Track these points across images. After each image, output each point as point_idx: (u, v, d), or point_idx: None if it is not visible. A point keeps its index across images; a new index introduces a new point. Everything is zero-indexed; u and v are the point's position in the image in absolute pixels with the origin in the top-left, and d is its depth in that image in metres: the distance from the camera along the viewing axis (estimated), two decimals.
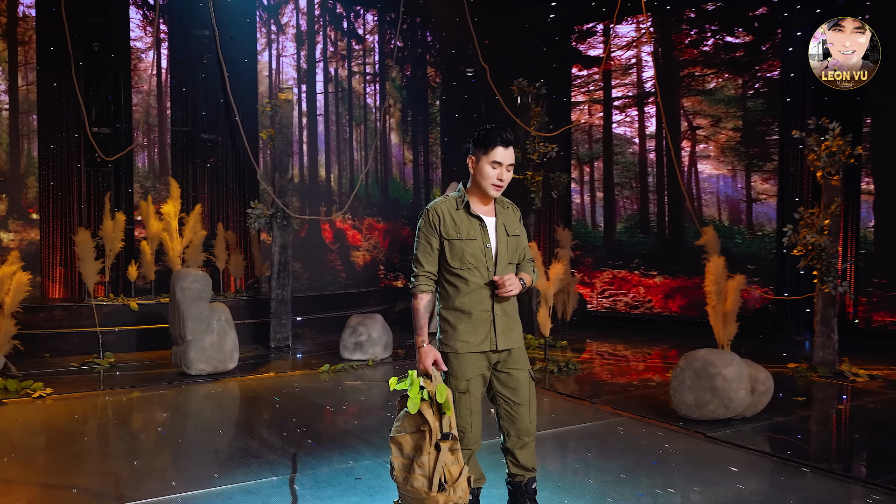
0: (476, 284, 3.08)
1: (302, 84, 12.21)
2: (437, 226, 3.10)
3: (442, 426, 3.01)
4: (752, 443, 4.78)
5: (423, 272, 3.12)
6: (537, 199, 9.16)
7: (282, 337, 8.88)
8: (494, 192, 3.08)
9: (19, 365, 7.69)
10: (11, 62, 10.45)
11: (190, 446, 4.86)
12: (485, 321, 3.10)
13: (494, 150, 3.06)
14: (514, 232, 3.18)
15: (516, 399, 3.18)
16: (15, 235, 10.20)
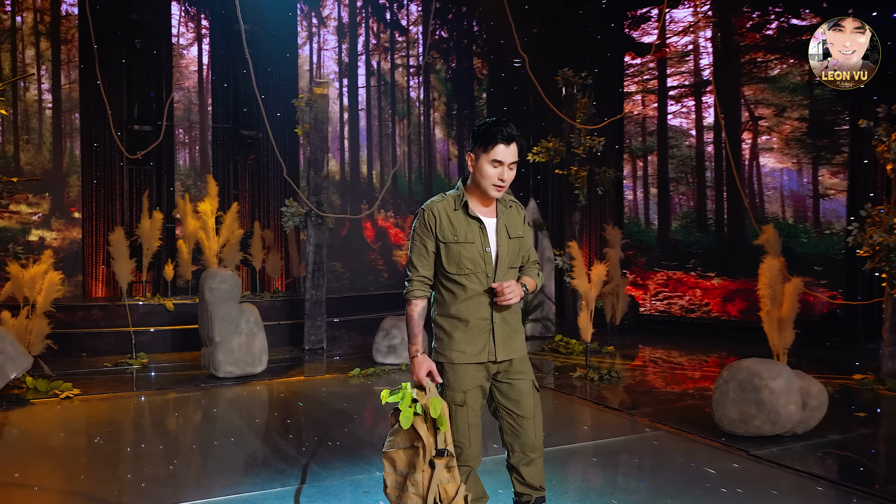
0: (474, 291, 2.94)
1: (343, 78, 12.24)
2: (433, 227, 2.98)
3: (437, 442, 2.90)
4: (801, 463, 4.51)
5: (418, 277, 3.01)
6: (581, 195, 8.93)
7: (316, 339, 8.91)
8: (495, 193, 2.94)
9: (55, 364, 7.93)
10: (55, 61, 10.79)
11: (200, 452, 4.88)
12: (483, 330, 2.97)
13: (495, 148, 2.90)
14: (516, 233, 3.03)
15: (519, 412, 3.04)
16: (58, 234, 10.52)
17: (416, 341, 2.97)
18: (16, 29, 10.56)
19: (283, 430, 5.45)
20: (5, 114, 8.08)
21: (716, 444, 4.90)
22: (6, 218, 10.29)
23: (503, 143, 2.90)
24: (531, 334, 9.93)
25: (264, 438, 5.18)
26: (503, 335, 2.99)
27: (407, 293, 3.01)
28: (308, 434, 5.28)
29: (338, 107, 12.19)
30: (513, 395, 3.03)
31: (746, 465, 4.48)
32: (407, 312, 3.02)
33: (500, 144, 2.90)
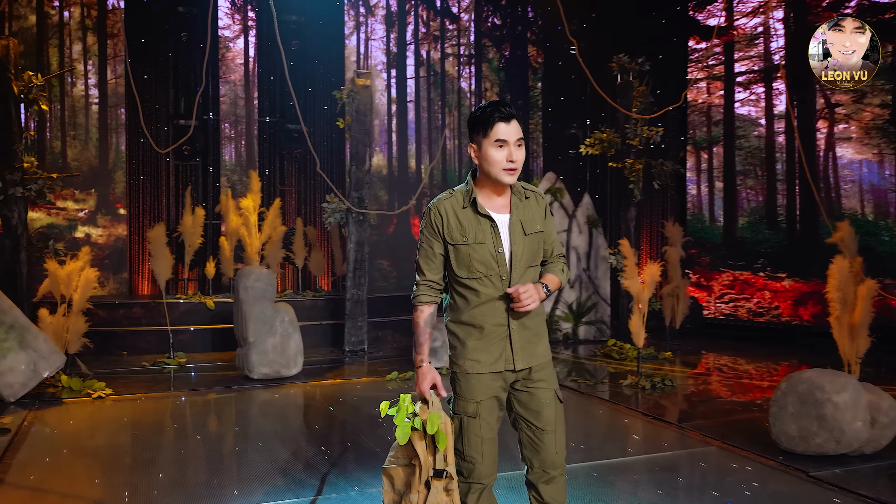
0: (487, 296, 2.79)
1: (391, 68, 12.19)
2: (440, 228, 2.84)
3: (436, 461, 2.76)
4: (868, 487, 4.19)
5: (425, 281, 2.89)
6: (636, 190, 8.62)
7: (357, 340, 8.87)
8: (508, 178, 2.75)
9: (95, 363, 8.10)
10: (101, 55, 11.06)
11: (218, 458, 4.85)
12: (499, 337, 2.81)
13: (495, 128, 2.75)
14: (533, 228, 2.85)
15: (539, 424, 2.87)
16: (103, 231, 10.78)
17: (422, 350, 2.85)
18: (63, 24, 10.85)
19: (308, 436, 5.39)
20: (46, 109, 8.27)
21: (772, 464, 4.61)
22: (53, 214, 10.60)
23: (502, 121, 2.75)
24: (584, 337, 9.69)
25: (288, 444, 5.12)
26: (522, 341, 2.83)
27: (413, 298, 2.89)
28: (334, 441, 5.20)
29: (385, 99, 12.14)
30: (532, 405, 2.87)
31: (804, 488, 4.19)
32: (413, 319, 2.90)
33: (500, 123, 2.75)
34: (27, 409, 6.11)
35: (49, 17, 10.69)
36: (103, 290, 10.68)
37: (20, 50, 10.61)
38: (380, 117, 11.95)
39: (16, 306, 6.49)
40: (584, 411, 6.19)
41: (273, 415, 6.16)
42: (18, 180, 7.91)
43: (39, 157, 10.62)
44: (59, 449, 5.05)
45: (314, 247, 10.83)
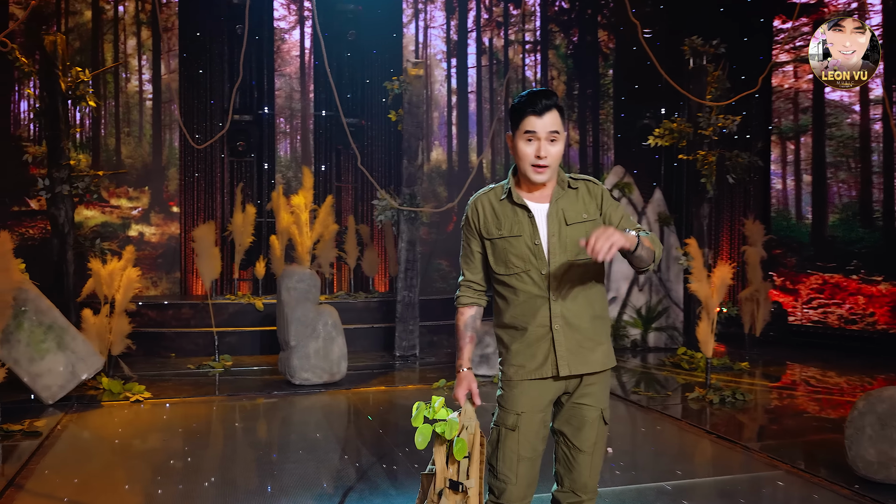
0: (527, 293, 2.68)
1: (452, 58, 12.09)
2: (477, 224, 2.77)
3: (459, 473, 2.70)
4: None
5: (465, 282, 2.85)
6: (708, 184, 8.25)
7: (408, 345, 8.80)
8: (537, 176, 2.63)
9: (142, 365, 8.30)
10: (155, 50, 11.34)
11: (242, 469, 4.84)
12: (542, 339, 2.68)
13: (526, 119, 2.62)
14: (578, 218, 2.69)
15: (576, 442, 2.75)
16: (156, 229, 11.05)
17: (461, 355, 2.81)
18: (118, 19, 11.17)
19: (341, 446, 5.34)
20: (93, 105, 8.50)
21: (845, 492, 4.28)
22: (107, 212, 10.93)
23: (533, 114, 2.61)
24: (654, 345, 9.37)
25: (316, 456, 5.07)
26: (570, 344, 2.68)
27: (455, 300, 2.86)
28: (367, 453, 5.13)
29: (445, 90, 12.05)
30: (574, 420, 2.75)
31: None
32: (455, 322, 2.86)
33: (530, 116, 2.61)
34: (64, 412, 6.26)
35: (104, 11, 11.02)
36: (156, 290, 10.95)
37: (76, 46, 10.98)
38: (439, 109, 11.87)
39: (54, 307, 6.66)
40: (641, 427, 5.94)
41: (308, 423, 6.14)
42: (65, 178, 8.15)
43: (94, 154, 10.97)
44: (87, 455, 5.14)
45: (368, 246, 10.82)
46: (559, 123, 2.66)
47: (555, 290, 2.68)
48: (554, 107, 2.66)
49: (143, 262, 10.97)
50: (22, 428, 5.68)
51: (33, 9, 10.91)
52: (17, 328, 6.38)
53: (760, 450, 5.11)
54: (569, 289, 2.69)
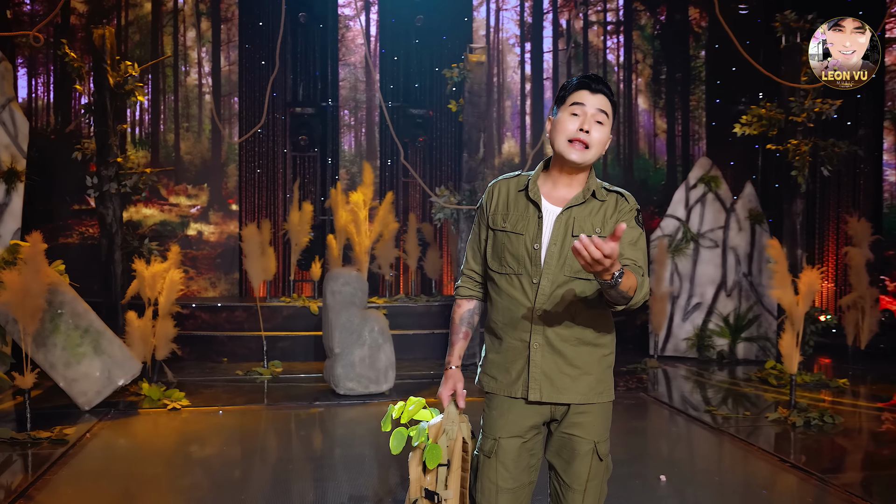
0: (512, 299, 2.58)
1: (526, 42, 11.89)
2: (488, 209, 2.69)
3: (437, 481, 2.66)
4: None
5: (468, 270, 2.79)
6: (801, 177, 7.78)
7: (468, 352, 8.66)
8: (574, 154, 2.49)
9: (191, 370, 8.47)
10: (214, 42, 11.58)
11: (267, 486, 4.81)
12: (519, 354, 2.59)
13: (575, 93, 2.52)
14: (588, 231, 2.53)
15: (566, 478, 2.61)
16: (215, 228, 11.29)
17: (452, 351, 2.75)
18: (177, 10, 11.46)
19: (359, 466, 5.27)
20: (142, 100, 8.73)
21: None
22: (166, 211, 11.23)
23: (586, 88, 2.51)
24: (743, 356, 8.94)
25: (330, 476, 5.00)
26: (548, 367, 2.56)
27: (455, 290, 2.80)
28: (386, 475, 5.03)
29: (518, 77, 11.86)
30: (564, 452, 2.62)
31: None
32: (451, 314, 2.80)
33: (583, 90, 2.51)
34: (98, 419, 6.42)
35: (163, 2, 11.32)
36: (214, 291, 11.19)
37: (136, 39, 11.33)
38: (511, 98, 11.70)
39: (91, 310, 6.85)
40: (704, 450, 5.64)
41: (337, 438, 6.11)
42: (113, 176, 8.40)
43: (153, 150, 11.30)
44: (109, 466, 5.25)
45: (431, 245, 10.74)
46: (610, 110, 2.55)
47: (541, 304, 2.53)
48: (608, 94, 2.56)
49: (201, 262, 11.25)
50: (50, 435, 5.85)
51: (94, 3, 11.35)
52: (53, 331, 6.59)
53: (839, 484, 4.74)
54: (558, 306, 2.54)
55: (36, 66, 11.17)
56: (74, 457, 5.41)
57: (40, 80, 11.22)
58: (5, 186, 8.39)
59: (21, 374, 5.98)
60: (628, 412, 6.72)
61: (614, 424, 2.70)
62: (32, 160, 10.59)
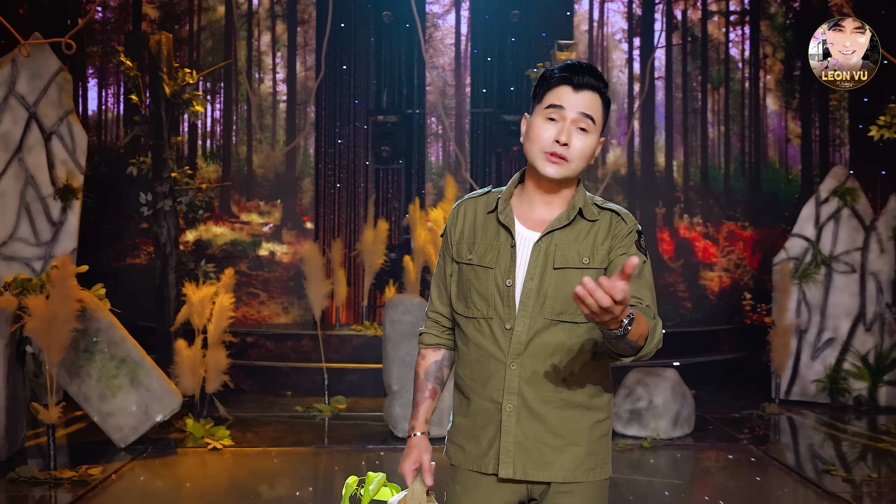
0: (481, 350, 2.31)
1: (634, 37, 11.51)
2: (452, 238, 2.43)
3: None
4: None
5: (432, 313, 2.53)
6: None
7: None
8: (549, 168, 2.24)
9: (248, 405, 8.53)
10: (290, 46, 11.72)
11: None
12: (490, 419, 2.32)
13: (553, 91, 2.24)
14: (574, 260, 2.26)
15: None
16: (288, 248, 11.37)
17: (416, 413, 2.49)
18: (252, 13, 11.68)
19: None
20: (201, 110, 8.88)
21: None
22: (237, 229, 11.40)
23: (566, 83, 2.22)
24: (886, 403, 8.27)
25: None
26: (523, 435, 2.28)
27: (419, 339, 2.56)
28: None
29: (626, 77, 11.49)
30: None
31: None
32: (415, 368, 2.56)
33: (562, 86, 2.23)
34: (131, 458, 6.48)
35: (237, 5, 11.55)
36: (286, 317, 11.26)
37: (208, 45, 11.61)
38: (618, 100, 11.34)
39: (129, 338, 6.92)
40: None
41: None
42: (167, 192, 8.55)
43: (224, 164, 11.51)
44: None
45: None
46: (598, 112, 2.26)
47: (516, 355, 2.25)
48: (597, 90, 2.26)
49: (273, 285, 11.34)
50: (74, 475, 5.91)
51: (166, 7, 11.70)
52: (87, 361, 6.70)
53: None
54: (538, 358, 2.26)
55: (106, 76, 11.59)
56: (91, 501, 5.43)
57: (110, 90, 11.63)
58: (61, 204, 8.68)
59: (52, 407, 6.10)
60: (725, 470, 6.30)
61: (701, 486, 2.39)
62: (101, 176, 11.04)
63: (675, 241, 11.42)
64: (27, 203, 8.60)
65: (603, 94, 2.28)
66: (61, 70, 8.84)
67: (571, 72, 2.23)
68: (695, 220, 11.41)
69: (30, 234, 8.61)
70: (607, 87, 2.30)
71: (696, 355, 9.88)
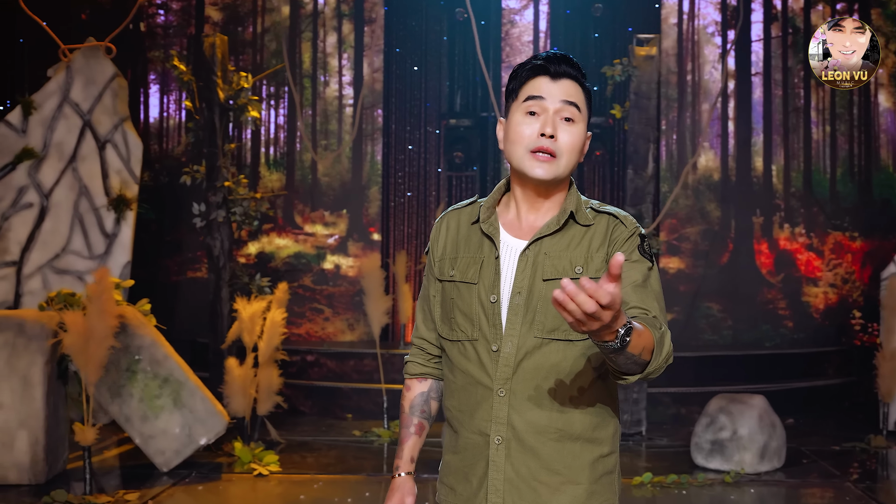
0: (468, 377, 2.19)
1: (728, 30, 11.20)
2: (435, 253, 2.35)
3: None
4: None
5: (417, 340, 2.42)
6: None
7: (631, 419, 8.13)
8: (537, 169, 2.13)
9: (304, 428, 8.57)
10: (357, 47, 11.77)
11: None
12: (479, 454, 2.19)
13: (531, 82, 2.15)
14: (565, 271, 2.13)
15: None
16: (354, 261, 11.39)
17: (400, 452, 2.41)
18: (317, 13, 11.79)
19: None
20: (256, 116, 8.95)
21: None
22: (301, 241, 11.48)
23: (544, 74, 2.14)
24: None
25: None
26: (514, 472, 2.15)
27: (404, 368, 2.47)
28: None
29: (719, 73, 11.18)
30: None
31: None
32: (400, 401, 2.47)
33: (540, 77, 2.14)
34: (172, 483, 6.54)
35: (302, 5, 11.68)
36: (352, 335, 11.27)
37: (272, 48, 11.75)
38: (710, 99, 11.06)
39: (173, 356, 6.99)
40: None
41: None
42: (221, 202, 8.63)
43: (289, 172, 11.62)
44: None
45: None
46: (582, 100, 2.16)
47: (505, 381, 2.12)
48: (576, 77, 2.17)
49: (338, 300, 11.36)
50: (110, 500, 5.99)
51: (229, 9, 11.91)
52: (129, 380, 6.78)
53: None
54: (530, 383, 2.13)
55: (168, 82, 11.83)
56: None
57: (172, 96, 11.86)
58: (114, 215, 8.86)
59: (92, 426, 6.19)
60: None
61: None
62: (162, 185, 11.27)
63: (774, 253, 11.07)
64: (80, 214, 8.80)
65: (582, 82, 2.17)
66: (116, 76, 9.04)
67: (546, 61, 2.15)
68: (797, 230, 11.03)
69: (83, 247, 8.79)
70: (585, 77, 2.18)
71: (795, 380, 9.51)
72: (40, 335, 6.41)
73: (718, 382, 9.15)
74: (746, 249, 11.02)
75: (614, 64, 8.44)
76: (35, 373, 6.39)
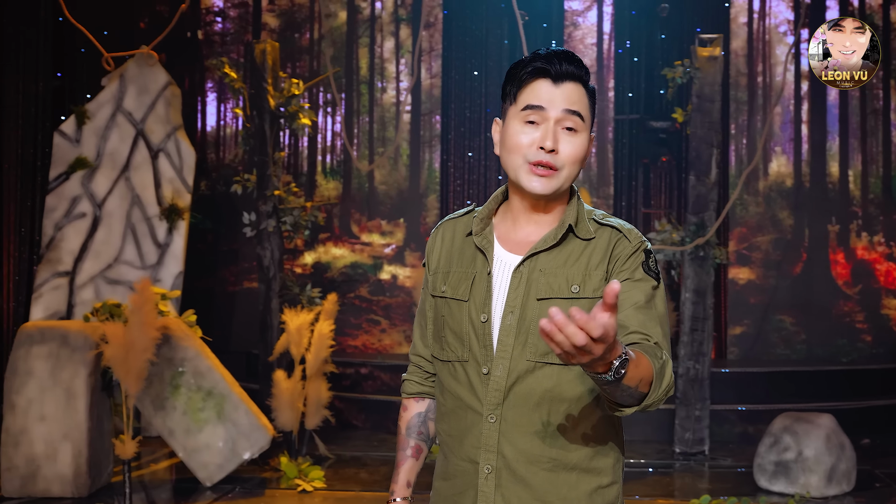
0: (457, 400, 2.12)
1: (802, 28, 10.92)
2: (430, 266, 2.29)
3: None
4: None
5: (414, 357, 2.38)
6: None
7: (693, 438, 7.94)
8: (534, 183, 2.04)
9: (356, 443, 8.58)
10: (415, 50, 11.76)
11: None
12: (468, 483, 2.12)
13: (529, 86, 2.06)
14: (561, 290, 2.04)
15: None
16: (412, 271, 11.37)
17: (396, 476, 2.34)
18: (375, 17, 11.82)
19: None
20: (308, 123, 8.99)
21: None
22: (357, 251, 11.51)
23: (544, 76, 2.04)
24: None
25: None
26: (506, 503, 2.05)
27: (401, 387, 2.42)
28: None
29: (792, 74, 10.91)
30: None
31: None
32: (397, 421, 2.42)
33: (539, 80, 2.04)
34: (214, 498, 6.58)
35: (360, 11, 11.73)
36: (408, 348, 11.23)
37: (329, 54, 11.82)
38: (783, 102, 10.80)
39: (217, 368, 7.02)
40: None
41: None
42: (271, 212, 8.68)
43: (345, 180, 11.66)
44: None
45: None
46: (585, 106, 2.06)
47: (495, 406, 2.03)
48: (580, 79, 2.07)
49: (395, 311, 11.35)
50: None
51: (286, 16, 12.02)
52: (173, 393, 6.84)
53: None
54: (522, 409, 2.04)
55: (224, 90, 11.97)
56: None
57: (229, 105, 12.00)
58: (166, 224, 8.97)
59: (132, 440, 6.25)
60: None
61: None
62: (219, 195, 11.40)
63: (851, 263, 10.76)
64: (133, 224, 8.93)
65: (586, 84, 2.07)
66: (169, 84, 9.16)
67: (547, 61, 2.03)
68: (875, 238, 10.71)
69: (135, 257, 8.91)
70: (589, 74, 2.07)
71: (873, 397, 9.20)
72: (83, 346, 6.50)
73: (790, 399, 8.91)
74: (821, 259, 10.73)
75: (675, 66, 8.25)
76: (78, 384, 6.48)
